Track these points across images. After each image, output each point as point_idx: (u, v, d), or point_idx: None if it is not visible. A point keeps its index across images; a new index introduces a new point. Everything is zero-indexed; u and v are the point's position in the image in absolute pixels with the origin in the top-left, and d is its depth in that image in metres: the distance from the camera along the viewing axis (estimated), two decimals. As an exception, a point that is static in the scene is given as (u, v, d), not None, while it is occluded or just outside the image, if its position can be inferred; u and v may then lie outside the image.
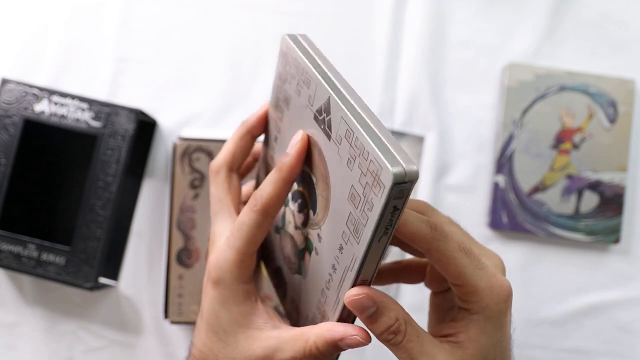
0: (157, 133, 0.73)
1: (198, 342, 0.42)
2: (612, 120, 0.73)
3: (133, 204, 0.72)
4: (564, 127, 0.73)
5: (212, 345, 0.41)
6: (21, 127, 0.65)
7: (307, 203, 0.39)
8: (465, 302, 0.36)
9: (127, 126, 0.65)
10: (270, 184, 0.38)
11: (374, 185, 0.31)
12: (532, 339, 0.73)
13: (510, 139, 0.73)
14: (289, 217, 0.42)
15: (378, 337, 0.36)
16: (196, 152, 0.69)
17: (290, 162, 0.37)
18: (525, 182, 0.73)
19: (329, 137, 0.35)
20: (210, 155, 0.69)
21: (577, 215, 0.72)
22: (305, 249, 0.40)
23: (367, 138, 0.31)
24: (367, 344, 0.36)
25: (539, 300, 0.73)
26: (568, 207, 0.73)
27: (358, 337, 0.35)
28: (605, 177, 0.73)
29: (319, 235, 0.38)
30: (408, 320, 0.35)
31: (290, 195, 0.41)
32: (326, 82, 0.36)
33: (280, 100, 0.42)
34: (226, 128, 0.73)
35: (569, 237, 0.72)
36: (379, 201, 0.30)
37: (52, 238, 0.66)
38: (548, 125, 0.73)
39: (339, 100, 0.34)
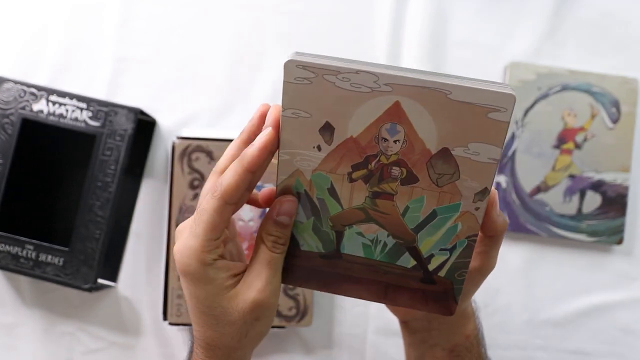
0: (156, 133, 0.72)
1: (196, 332, 0.44)
2: (615, 120, 0.73)
3: (132, 204, 0.72)
4: (566, 126, 0.72)
5: (205, 325, 0.43)
6: (19, 127, 0.65)
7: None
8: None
9: (126, 126, 0.65)
10: (231, 172, 0.40)
11: None
12: (533, 340, 0.72)
13: (512, 139, 0.72)
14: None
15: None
16: (195, 151, 0.68)
17: (252, 153, 0.39)
18: (527, 183, 0.72)
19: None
20: (210, 155, 0.68)
21: (579, 215, 0.72)
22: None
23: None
24: (294, 201, 0.41)
25: (540, 301, 0.72)
26: (570, 207, 0.72)
27: (284, 200, 0.41)
28: (608, 177, 0.72)
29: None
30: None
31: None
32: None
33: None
34: (226, 128, 0.73)
35: (571, 238, 0.72)
36: None
37: (50, 239, 0.65)
38: (550, 125, 0.72)
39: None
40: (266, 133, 0.39)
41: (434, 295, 0.44)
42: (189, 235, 0.41)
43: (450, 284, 0.43)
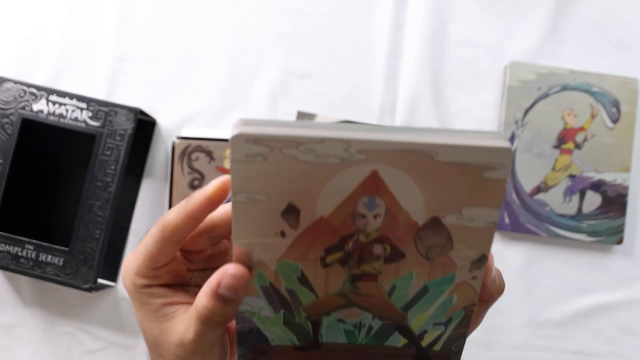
0: (156, 133, 0.72)
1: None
2: (615, 120, 0.73)
3: (132, 204, 0.71)
4: (566, 126, 0.72)
5: (148, 347, 0.40)
6: (19, 127, 0.65)
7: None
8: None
9: (126, 126, 0.65)
10: (175, 210, 0.36)
11: None
12: (534, 341, 0.72)
13: (512, 139, 0.72)
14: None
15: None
16: (195, 151, 0.68)
17: (197, 199, 0.36)
18: (527, 182, 0.72)
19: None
20: (210, 155, 0.68)
21: (579, 215, 0.72)
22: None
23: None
24: (243, 276, 0.34)
25: (541, 301, 0.72)
26: (570, 207, 0.72)
27: (229, 273, 0.34)
28: (608, 177, 0.72)
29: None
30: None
31: None
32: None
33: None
34: (226, 128, 0.73)
35: (571, 238, 0.72)
36: None
37: (50, 239, 0.65)
38: (550, 125, 0.72)
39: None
40: (218, 180, 0.35)
41: None
42: (133, 254, 0.39)
43: (446, 356, 0.38)
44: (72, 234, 0.64)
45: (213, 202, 0.36)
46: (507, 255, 0.73)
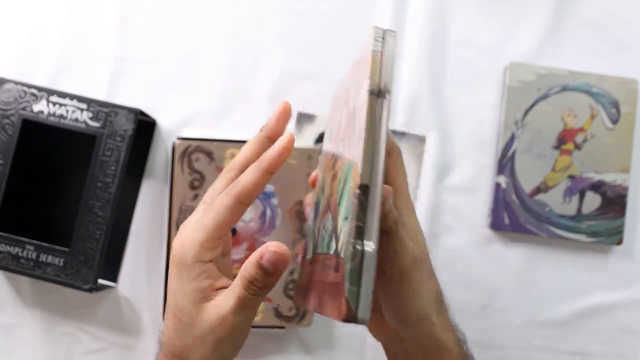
0: (156, 133, 0.72)
1: (164, 337, 0.43)
2: (615, 120, 0.73)
3: (132, 205, 0.71)
4: (566, 127, 0.73)
5: (173, 330, 0.42)
6: (19, 127, 0.65)
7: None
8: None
9: (127, 126, 0.65)
10: (249, 172, 0.40)
11: None
12: (534, 341, 0.72)
13: (511, 140, 0.72)
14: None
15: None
16: (196, 152, 0.68)
17: (271, 154, 0.40)
18: (527, 183, 0.72)
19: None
20: (210, 156, 0.68)
21: (579, 216, 0.72)
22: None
23: None
24: (283, 254, 0.38)
25: (541, 301, 0.73)
26: (570, 208, 0.72)
27: (272, 250, 0.38)
28: (608, 177, 0.72)
29: None
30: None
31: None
32: None
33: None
34: (226, 128, 0.73)
35: (571, 238, 0.72)
36: None
37: (50, 239, 0.65)
38: (550, 126, 0.73)
39: None
40: (288, 135, 0.40)
41: (334, 287, 0.35)
42: (196, 227, 0.41)
43: (341, 264, 0.34)
44: (73, 235, 0.64)
45: (287, 152, 0.40)
46: (507, 256, 0.73)
